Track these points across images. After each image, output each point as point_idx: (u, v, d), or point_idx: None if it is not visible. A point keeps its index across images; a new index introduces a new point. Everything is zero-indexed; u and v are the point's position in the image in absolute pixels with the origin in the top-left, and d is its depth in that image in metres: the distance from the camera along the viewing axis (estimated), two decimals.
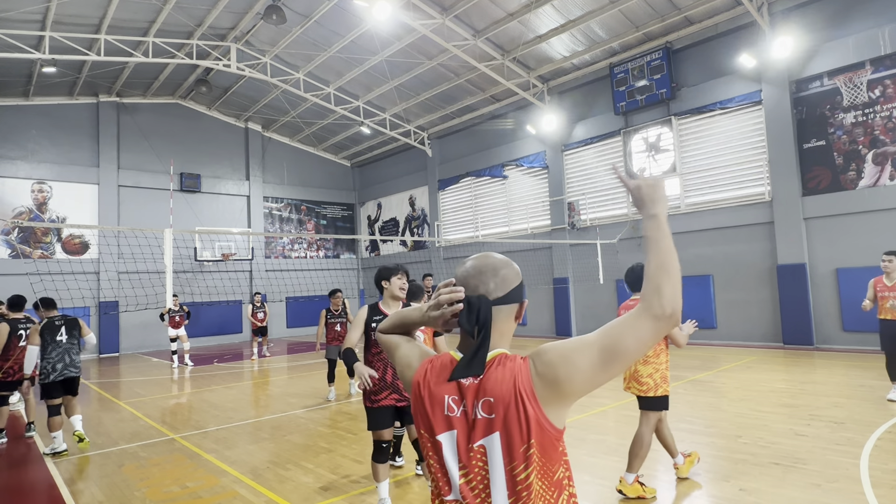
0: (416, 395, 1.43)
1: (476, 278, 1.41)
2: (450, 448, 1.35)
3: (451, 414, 1.36)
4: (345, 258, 25.60)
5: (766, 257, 12.90)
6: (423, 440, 1.41)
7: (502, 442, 1.30)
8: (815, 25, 12.16)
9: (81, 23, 14.29)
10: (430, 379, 1.41)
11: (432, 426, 1.37)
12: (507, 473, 1.30)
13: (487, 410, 1.32)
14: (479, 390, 1.34)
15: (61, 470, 5.82)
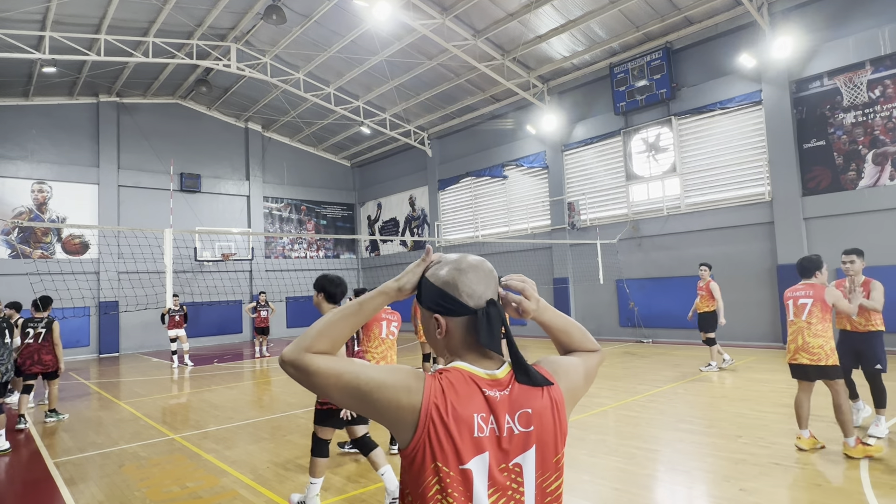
0: (430, 420, 1.18)
1: (484, 284, 1.29)
2: (481, 475, 1.18)
3: (480, 435, 1.19)
4: (345, 258, 25.60)
5: (766, 257, 12.89)
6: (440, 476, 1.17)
7: (537, 455, 1.25)
8: (815, 25, 12.16)
9: (81, 23, 14.29)
10: (451, 399, 1.19)
11: (459, 454, 1.17)
12: (538, 488, 1.25)
13: (525, 423, 1.23)
14: (513, 402, 1.23)
15: (61, 470, 5.82)
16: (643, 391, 8.28)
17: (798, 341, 5.19)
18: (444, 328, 1.29)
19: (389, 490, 4.25)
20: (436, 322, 1.30)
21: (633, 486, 4.57)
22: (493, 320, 1.25)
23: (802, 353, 5.15)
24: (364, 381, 1.21)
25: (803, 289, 5.33)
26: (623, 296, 15.44)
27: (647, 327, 14.84)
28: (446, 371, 1.26)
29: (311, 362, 1.21)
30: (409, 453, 1.20)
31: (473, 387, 1.23)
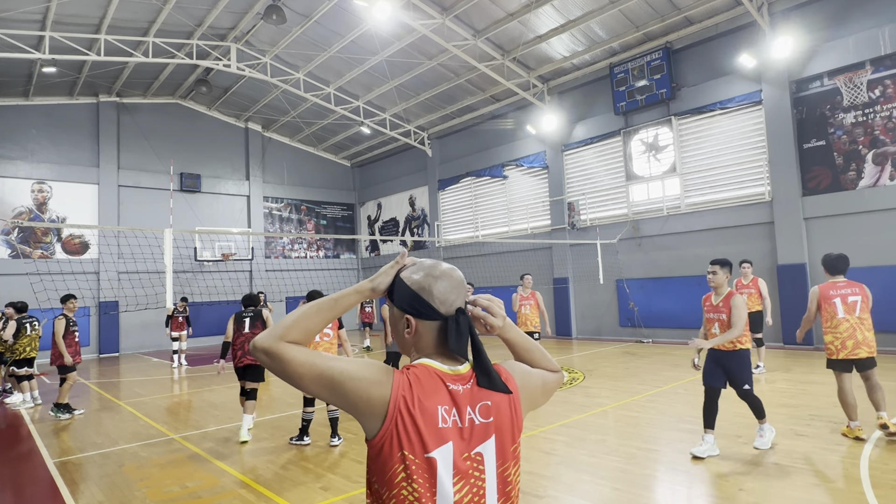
0: (398, 412, 1.25)
1: (455, 293, 1.38)
2: (446, 463, 1.26)
3: (444, 426, 1.27)
4: (345, 258, 25.60)
5: (766, 257, 12.89)
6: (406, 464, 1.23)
7: (497, 445, 1.34)
8: (815, 25, 12.16)
9: (81, 23, 14.29)
10: (417, 392, 1.27)
11: (425, 443, 1.24)
12: (499, 475, 1.33)
13: (485, 415, 1.33)
14: (474, 395, 1.33)
15: (61, 470, 5.82)
16: (643, 391, 8.28)
17: (857, 337, 5.51)
18: (414, 329, 1.36)
19: None
20: (406, 322, 1.37)
21: (633, 486, 4.57)
22: (462, 328, 1.33)
23: (864, 346, 5.51)
24: (337, 371, 1.27)
25: (847, 286, 5.63)
26: (623, 296, 15.44)
27: (647, 327, 14.84)
28: (413, 367, 1.34)
29: (286, 350, 1.26)
30: (377, 443, 1.26)
31: (438, 381, 1.31)
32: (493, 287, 18.11)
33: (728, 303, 5.22)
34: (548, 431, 6.38)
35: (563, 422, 6.78)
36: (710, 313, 5.42)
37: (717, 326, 5.33)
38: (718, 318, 5.30)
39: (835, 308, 5.54)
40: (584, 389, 8.72)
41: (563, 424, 6.66)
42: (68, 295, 8.77)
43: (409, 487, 1.23)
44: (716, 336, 5.27)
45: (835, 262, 5.70)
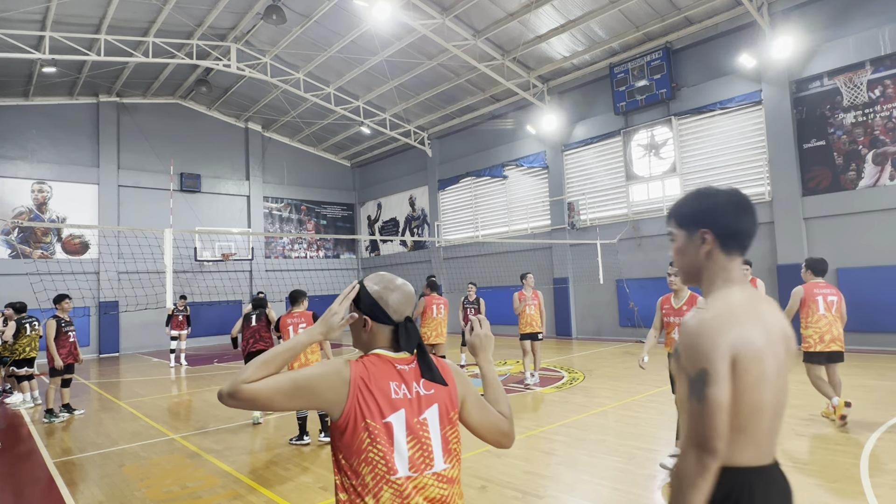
0: (358, 389, 1.56)
1: (406, 305, 1.71)
2: (401, 426, 1.57)
3: (396, 397, 1.60)
4: (345, 258, 25.60)
5: (766, 257, 12.89)
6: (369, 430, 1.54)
7: (440, 411, 1.66)
8: (815, 25, 12.16)
9: (81, 23, 14.28)
10: (372, 372, 1.60)
11: (382, 411, 1.56)
12: (443, 436, 1.65)
13: (427, 388, 1.66)
14: (417, 373, 1.67)
15: (61, 470, 5.82)
16: (643, 391, 8.28)
17: (833, 332, 6.00)
18: (370, 329, 1.68)
19: None
20: (364, 321, 1.68)
21: (633, 486, 4.57)
22: (410, 332, 1.68)
23: (837, 341, 5.99)
24: (301, 378, 1.54)
25: (826, 287, 6.15)
26: (623, 296, 15.43)
27: (647, 327, 14.81)
28: (366, 356, 1.66)
29: (249, 389, 1.50)
30: (344, 420, 1.55)
31: (388, 364, 1.64)
32: (493, 287, 18.11)
33: (692, 306, 4.92)
34: (548, 431, 6.38)
35: (563, 422, 6.78)
36: (671, 316, 5.10)
37: (677, 331, 4.92)
38: (678, 321, 4.94)
39: (817, 305, 6.05)
40: (584, 389, 8.72)
41: (563, 424, 6.66)
42: (61, 295, 8.65)
43: (374, 449, 1.54)
44: (675, 340, 4.81)
45: (819, 265, 6.23)
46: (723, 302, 1.52)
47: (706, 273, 1.60)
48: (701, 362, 1.43)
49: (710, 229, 1.57)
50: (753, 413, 1.46)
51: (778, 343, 1.52)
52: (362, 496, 1.53)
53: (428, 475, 1.59)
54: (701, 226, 1.58)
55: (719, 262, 1.58)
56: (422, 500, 1.57)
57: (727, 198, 1.58)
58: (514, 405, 7.88)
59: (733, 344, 1.43)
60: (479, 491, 4.58)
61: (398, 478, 1.54)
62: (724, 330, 1.44)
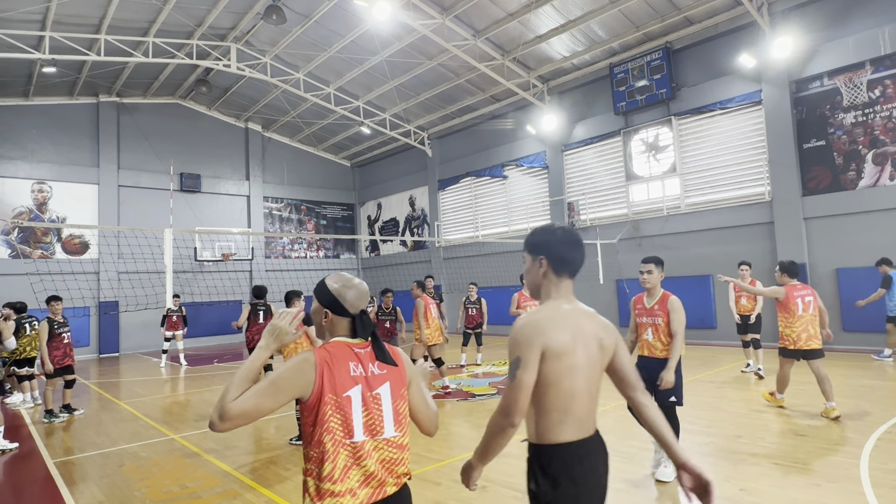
0: (323, 370, 1.86)
1: (361, 300, 2.03)
2: (357, 399, 1.88)
3: (354, 374, 1.90)
4: (345, 258, 25.60)
5: (766, 257, 12.89)
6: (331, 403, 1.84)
7: (391, 388, 1.96)
8: (815, 25, 12.16)
9: (81, 23, 14.28)
10: (334, 355, 1.91)
11: (343, 386, 1.87)
12: (394, 409, 1.95)
13: (381, 368, 1.97)
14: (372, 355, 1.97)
15: (61, 470, 5.82)
16: None
17: (810, 331, 6.40)
18: (330, 320, 2.02)
19: None
20: (325, 314, 2.01)
21: (633, 486, 4.57)
22: (365, 323, 2.01)
23: (815, 339, 6.40)
24: (278, 378, 1.83)
25: (803, 288, 6.53)
26: (623, 296, 15.43)
27: None
28: (328, 343, 1.97)
29: (237, 405, 1.76)
30: (313, 397, 1.84)
31: (347, 348, 1.96)
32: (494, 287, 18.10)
33: (665, 306, 4.69)
34: None
35: None
36: (643, 317, 4.87)
37: (650, 332, 4.77)
38: (653, 322, 4.76)
39: (796, 307, 6.42)
40: None
41: None
42: (52, 296, 8.54)
43: (334, 418, 1.84)
44: (648, 342, 4.78)
45: (793, 267, 6.63)
46: (547, 310, 2.06)
47: (543, 288, 2.13)
48: (517, 351, 1.95)
49: (546, 256, 2.10)
50: (571, 396, 1.97)
51: (590, 344, 2.03)
52: (322, 462, 1.81)
53: (380, 440, 1.90)
54: (540, 253, 2.11)
55: (552, 281, 2.11)
56: (374, 462, 1.87)
57: (562, 234, 2.12)
58: None
59: (544, 341, 1.93)
60: (479, 491, 4.58)
61: (353, 442, 1.84)
62: (540, 330, 1.95)
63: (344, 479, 1.81)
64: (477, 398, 8.50)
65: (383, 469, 1.88)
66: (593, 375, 2.04)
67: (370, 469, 1.85)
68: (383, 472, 1.88)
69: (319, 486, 1.81)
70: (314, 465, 1.83)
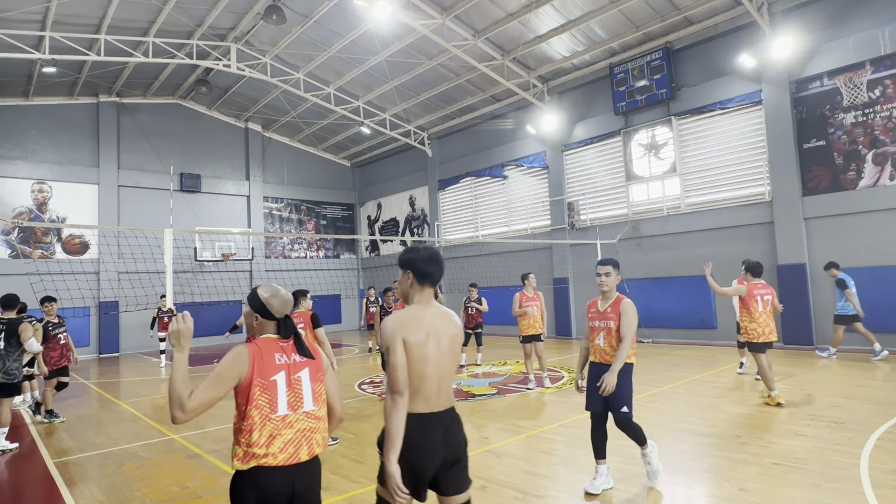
0: (254, 359, 2.35)
1: (285, 307, 2.54)
2: (282, 381, 2.38)
3: (279, 362, 2.42)
4: (345, 258, 25.60)
5: (766, 257, 12.89)
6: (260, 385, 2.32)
7: (311, 372, 2.48)
8: (815, 25, 12.16)
9: (81, 23, 14.29)
10: (262, 348, 2.42)
11: (269, 372, 2.36)
12: (313, 390, 2.47)
13: (301, 358, 2.49)
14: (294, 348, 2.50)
15: (61, 470, 5.82)
16: (643, 391, 8.27)
17: (770, 325, 7.06)
18: (260, 322, 2.52)
19: None
20: (255, 318, 2.52)
21: (633, 486, 4.57)
22: (287, 325, 2.52)
23: (774, 333, 7.08)
24: (222, 370, 2.31)
25: (763, 287, 7.15)
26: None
27: (647, 327, 14.82)
28: (258, 339, 2.48)
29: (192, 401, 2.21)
30: (246, 381, 2.33)
31: (274, 342, 2.48)
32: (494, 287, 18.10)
33: (617, 309, 4.53)
34: (548, 431, 6.38)
35: (563, 422, 6.78)
36: (595, 321, 4.68)
37: (602, 336, 4.58)
38: (605, 325, 4.57)
39: (757, 304, 7.02)
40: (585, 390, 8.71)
41: (562, 424, 6.66)
42: (45, 297, 8.40)
43: (262, 397, 2.32)
44: (599, 347, 4.60)
45: (757, 268, 7.17)
46: (409, 311, 2.66)
47: (409, 295, 2.72)
48: (387, 343, 2.56)
49: (412, 271, 2.69)
50: (421, 379, 2.55)
51: (442, 338, 2.63)
52: (252, 432, 2.29)
53: (300, 413, 2.40)
54: (408, 268, 2.70)
55: (416, 290, 2.71)
56: (294, 431, 2.36)
57: (424, 253, 2.70)
58: (514, 405, 7.88)
59: (403, 334, 2.54)
60: (480, 491, 4.58)
61: (277, 416, 2.33)
62: (401, 325, 2.57)
63: (268, 445, 2.29)
64: (477, 398, 8.49)
65: (302, 437, 2.37)
66: (444, 363, 2.62)
67: (290, 437, 2.34)
68: (302, 439, 2.37)
69: (247, 451, 2.28)
70: (244, 435, 2.29)
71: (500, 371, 10.99)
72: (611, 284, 4.63)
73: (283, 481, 2.29)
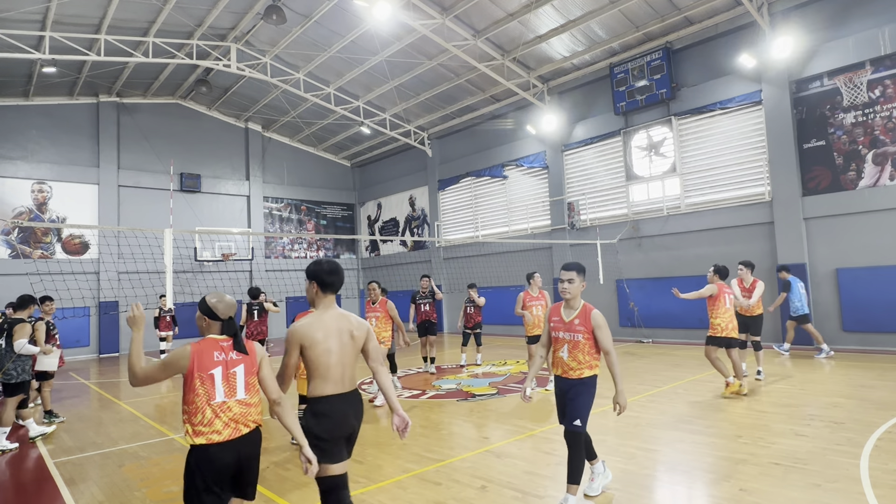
0: (195, 357, 2.86)
1: (229, 310, 3.04)
2: (219, 374, 2.90)
3: (218, 359, 2.92)
4: (345, 258, 25.60)
5: (766, 257, 12.89)
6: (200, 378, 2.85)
7: (245, 367, 2.99)
8: (815, 25, 12.16)
9: (81, 23, 14.29)
10: (203, 347, 2.92)
11: (208, 366, 2.88)
12: (246, 381, 2.98)
13: (238, 355, 2.98)
14: (232, 346, 2.98)
15: (61, 470, 5.82)
16: (643, 391, 8.28)
17: (734, 322, 7.86)
18: (207, 323, 3.00)
19: None
20: (204, 319, 3.01)
21: (633, 486, 4.57)
22: (230, 326, 3.01)
23: (736, 329, 7.86)
24: (167, 360, 2.86)
25: (727, 288, 7.95)
26: (623, 296, 15.43)
27: (647, 327, 14.83)
28: (202, 339, 2.95)
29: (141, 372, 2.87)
30: (189, 373, 2.84)
31: (215, 342, 2.95)
32: (494, 287, 18.11)
33: (587, 322, 4.14)
34: (548, 431, 6.38)
35: None
36: (560, 331, 4.22)
37: (566, 349, 4.17)
38: (572, 338, 4.16)
39: (724, 302, 7.81)
40: None
41: None
42: (45, 297, 8.23)
43: (202, 387, 2.84)
44: (562, 360, 4.21)
45: (725, 271, 7.95)
46: (310, 318, 3.17)
47: (315, 302, 3.26)
48: (286, 346, 3.13)
49: (315, 281, 3.23)
50: (327, 368, 3.10)
51: (343, 335, 3.19)
52: (195, 414, 2.83)
53: (233, 400, 2.92)
54: (312, 278, 3.24)
55: (320, 297, 3.25)
56: (231, 414, 2.90)
57: (326, 266, 3.23)
58: (514, 405, 7.88)
59: (300, 339, 3.09)
60: (480, 491, 4.58)
61: (215, 402, 2.86)
62: (299, 333, 3.10)
63: (211, 424, 2.84)
64: (477, 398, 8.49)
65: (239, 417, 2.93)
66: (346, 354, 3.18)
67: (227, 418, 2.88)
68: (239, 418, 2.92)
69: (195, 429, 2.83)
70: (189, 416, 2.84)
71: (500, 371, 10.99)
72: (574, 292, 4.19)
73: (229, 453, 2.87)
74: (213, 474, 2.82)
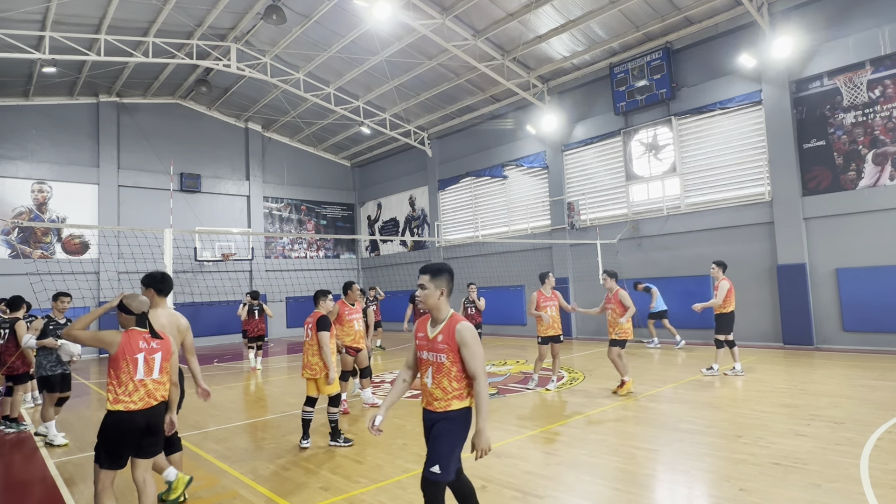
0: (123, 344, 3.73)
1: (143, 307, 3.90)
2: (141, 358, 3.74)
3: (141, 347, 3.77)
4: (345, 258, 25.61)
5: (766, 257, 12.89)
6: (126, 360, 3.71)
7: (163, 354, 3.86)
8: (815, 25, 12.16)
9: (81, 23, 14.29)
10: (130, 335, 3.78)
11: (134, 351, 3.73)
12: (161, 365, 3.85)
13: (157, 342, 3.85)
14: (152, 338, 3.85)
15: (61, 470, 5.82)
16: (643, 391, 8.28)
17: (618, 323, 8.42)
18: (125, 318, 3.86)
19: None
20: (122, 315, 3.86)
21: (633, 486, 4.57)
22: (145, 320, 3.90)
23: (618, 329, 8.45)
24: (100, 335, 3.83)
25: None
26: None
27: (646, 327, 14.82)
28: (128, 329, 3.84)
29: (74, 332, 3.72)
30: (117, 355, 3.74)
31: (138, 332, 3.84)
32: (494, 287, 18.12)
33: (451, 337, 3.17)
34: (548, 431, 6.39)
35: (563, 422, 6.78)
36: (423, 350, 3.29)
37: (430, 373, 3.22)
38: (435, 359, 3.21)
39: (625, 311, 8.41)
40: (584, 390, 8.72)
41: (562, 424, 6.66)
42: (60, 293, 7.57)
43: (126, 368, 3.72)
44: (425, 387, 3.26)
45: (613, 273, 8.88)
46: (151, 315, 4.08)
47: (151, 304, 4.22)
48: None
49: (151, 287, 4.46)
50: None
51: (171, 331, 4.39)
52: (119, 387, 3.70)
53: (149, 379, 3.77)
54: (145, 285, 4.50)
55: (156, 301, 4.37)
56: (146, 388, 3.75)
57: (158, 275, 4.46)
58: (514, 405, 7.89)
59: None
60: (480, 491, 4.58)
61: (136, 379, 3.71)
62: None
63: (130, 395, 3.69)
64: None
65: (153, 391, 3.79)
66: None
67: (143, 393, 3.73)
68: (152, 391, 3.78)
69: (116, 397, 3.69)
70: (113, 387, 3.71)
71: (501, 371, 10.99)
72: (429, 301, 3.23)
73: (139, 419, 3.70)
74: (126, 433, 3.67)
